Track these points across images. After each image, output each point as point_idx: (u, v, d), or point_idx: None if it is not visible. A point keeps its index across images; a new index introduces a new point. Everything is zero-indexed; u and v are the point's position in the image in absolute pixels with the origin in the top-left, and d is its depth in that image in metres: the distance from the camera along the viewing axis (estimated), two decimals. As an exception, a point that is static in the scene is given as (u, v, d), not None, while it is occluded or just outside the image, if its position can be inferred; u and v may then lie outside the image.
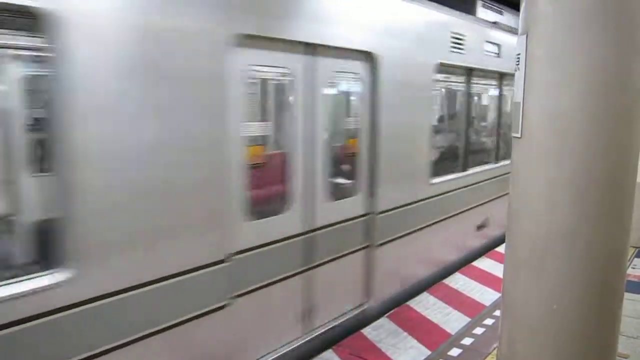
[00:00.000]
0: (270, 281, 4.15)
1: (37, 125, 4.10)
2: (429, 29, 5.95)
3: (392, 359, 4.57)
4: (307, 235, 4.48)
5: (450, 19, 6.39)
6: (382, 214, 5.29)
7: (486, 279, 6.64)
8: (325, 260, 4.70)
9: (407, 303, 5.81)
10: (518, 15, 2.58)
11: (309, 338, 4.60)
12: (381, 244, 5.34)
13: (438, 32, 6.14)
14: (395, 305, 5.64)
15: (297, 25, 4.14)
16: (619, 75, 2.28)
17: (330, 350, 4.65)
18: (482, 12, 7.84)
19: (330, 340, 4.79)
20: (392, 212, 5.46)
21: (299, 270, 4.44)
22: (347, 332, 4.98)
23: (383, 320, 5.33)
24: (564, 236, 2.37)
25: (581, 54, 2.28)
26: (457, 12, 6.58)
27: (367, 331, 5.07)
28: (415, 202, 5.86)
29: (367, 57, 4.91)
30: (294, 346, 4.44)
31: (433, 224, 6.26)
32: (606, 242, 2.39)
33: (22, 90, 4.08)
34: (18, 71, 4.09)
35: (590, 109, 2.27)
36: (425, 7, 5.91)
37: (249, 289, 3.95)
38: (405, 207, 5.69)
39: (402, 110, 5.48)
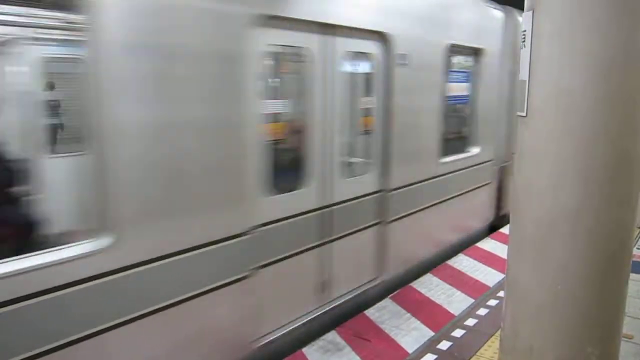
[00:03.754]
0: None
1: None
2: None
3: (396, 340, 4.58)
4: None
5: None
6: None
7: (490, 259, 6.62)
8: None
9: (411, 284, 5.81)
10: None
11: None
12: None
13: None
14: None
15: None
16: (627, 53, 2.22)
17: (333, 332, 4.66)
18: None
19: None
20: None
21: None
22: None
23: (386, 302, 5.34)
24: (568, 216, 2.34)
25: (589, 31, 2.22)
26: None
27: (370, 312, 5.07)
28: None
29: None
30: None
31: None
32: (612, 223, 2.35)
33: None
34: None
35: (597, 87, 2.23)
36: None
37: None
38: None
39: None
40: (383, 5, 4.92)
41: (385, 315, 5.03)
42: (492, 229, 7.87)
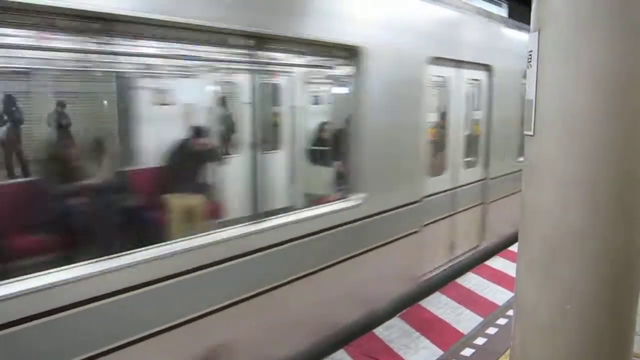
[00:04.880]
0: None
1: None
2: None
3: (404, 359, 4.55)
4: None
5: None
6: None
7: (499, 278, 6.60)
8: None
9: (419, 303, 5.79)
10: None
11: None
12: None
13: None
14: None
15: None
16: (632, 73, 2.24)
17: (342, 350, 4.64)
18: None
19: None
20: None
21: None
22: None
23: (395, 320, 5.32)
24: (576, 235, 2.34)
25: (594, 51, 2.24)
26: None
27: (378, 331, 5.06)
28: None
29: None
30: None
31: None
32: (620, 241, 2.35)
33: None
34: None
35: (603, 107, 2.24)
36: None
37: None
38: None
39: None
40: None
41: (394, 334, 5.02)
42: None
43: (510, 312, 4.91)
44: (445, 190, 6.64)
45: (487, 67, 7.19)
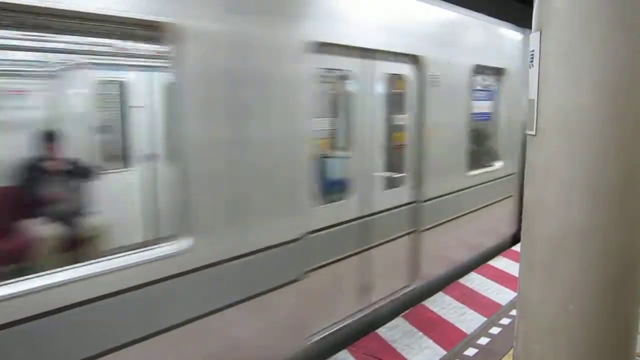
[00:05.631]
0: None
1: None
2: None
3: (408, 359, 4.55)
4: None
5: None
6: None
7: (502, 278, 6.58)
8: None
9: (423, 303, 5.79)
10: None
11: None
12: None
13: None
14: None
15: None
16: (634, 73, 2.24)
17: (345, 351, 4.65)
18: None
19: None
20: None
21: None
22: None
23: (398, 320, 5.32)
24: (579, 235, 2.34)
25: (596, 51, 2.24)
26: None
27: (381, 331, 5.06)
28: None
29: None
30: None
31: None
32: (622, 241, 2.35)
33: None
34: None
35: (605, 106, 2.24)
36: None
37: None
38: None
39: None
40: None
41: (397, 334, 5.02)
42: None
43: (514, 312, 4.91)
44: None
45: None
